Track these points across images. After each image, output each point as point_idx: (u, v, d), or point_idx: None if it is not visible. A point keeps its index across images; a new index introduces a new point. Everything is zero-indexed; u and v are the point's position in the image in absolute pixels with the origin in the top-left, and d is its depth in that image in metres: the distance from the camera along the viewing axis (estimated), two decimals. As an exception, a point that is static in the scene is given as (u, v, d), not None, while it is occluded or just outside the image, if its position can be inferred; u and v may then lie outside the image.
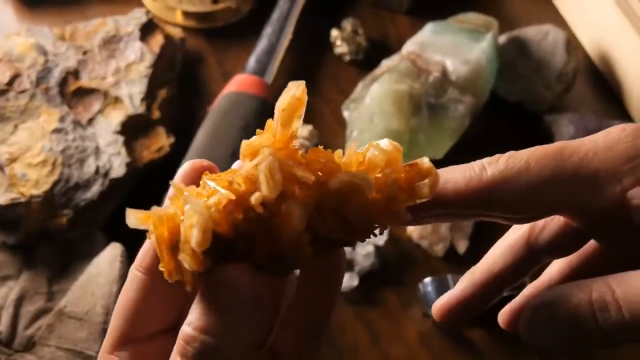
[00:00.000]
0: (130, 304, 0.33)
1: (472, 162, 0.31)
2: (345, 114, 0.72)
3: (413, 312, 0.65)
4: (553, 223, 0.36)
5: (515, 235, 0.37)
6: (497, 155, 0.31)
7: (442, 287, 0.63)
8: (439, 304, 0.39)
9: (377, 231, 0.31)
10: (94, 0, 0.82)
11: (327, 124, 0.75)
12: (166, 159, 0.69)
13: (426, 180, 0.30)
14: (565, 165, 0.30)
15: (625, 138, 0.30)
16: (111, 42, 0.72)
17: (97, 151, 0.66)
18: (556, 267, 0.38)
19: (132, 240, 0.64)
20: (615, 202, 0.30)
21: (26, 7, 0.81)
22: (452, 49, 0.72)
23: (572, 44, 0.76)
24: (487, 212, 0.31)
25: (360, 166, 0.30)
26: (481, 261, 0.38)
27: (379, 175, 0.30)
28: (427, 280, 0.64)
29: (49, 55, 0.70)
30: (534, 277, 0.39)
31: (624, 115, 0.77)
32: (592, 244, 0.36)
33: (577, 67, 0.76)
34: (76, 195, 0.63)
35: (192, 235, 0.27)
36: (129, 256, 0.63)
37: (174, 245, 0.29)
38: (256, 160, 0.29)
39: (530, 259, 0.37)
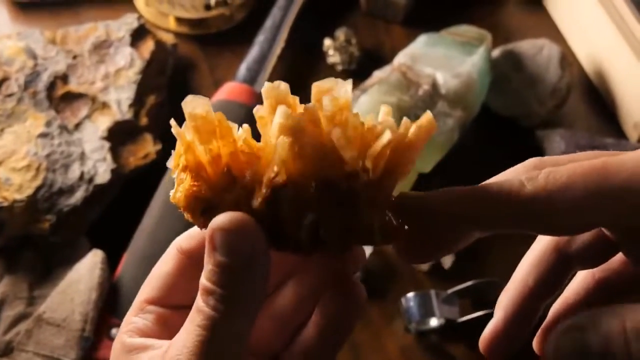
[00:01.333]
0: (162, 276, 0.36)
1: (507, 179, 0.30)
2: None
3: (395, 326, 0.65)
4: None
5: (543, 244, 0.36)
6: (534, 171, 0.30)
7: (424, 303, 0.63)
8: (485, 336, 0.37)
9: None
10: (89, 4, 0.82)
11: (316, 134, 0.74)
12: (152, 165, 0.69)
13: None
14: (614, 181, 0.29)
15: None
16: (101, 47, 0.72)
17: (82, 157, 0.65)
18: (580, 282, 0.37)
19: (116, 245, 0.64)
20: None
21: (20, 9, 0.81)
22: (443, 61, 0.71)
23: (567, 59, 0.76)
24: (525, 229, 0.31)
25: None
26: (511, 280, 0.37)
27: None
28: (410, 295, 0.63)
29: (39, 59, 0.70)
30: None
31: (618, 133, 0.76)
32: (619, 258, 0.35)
33: (571, 82, 0.75)
34: (59, 201, 0.63)
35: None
36: (111, 262, 0.63)
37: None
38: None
39: (563, 268, 0.35)
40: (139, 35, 0.73)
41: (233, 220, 0.30)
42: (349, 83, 0.31)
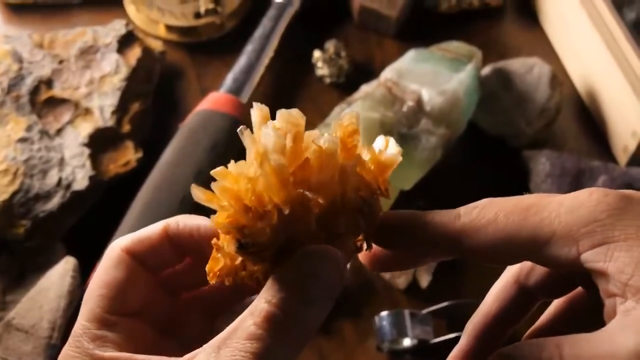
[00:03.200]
0: (113, 284, 0.34)
1: (455, 209, 0.33)
2: (316, 138, 0.71)
3: (369, 344, 0.64)
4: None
5: (506, 275, 0.38)
6: (475, 203, 0.33)
7: (397, 322, 0.62)
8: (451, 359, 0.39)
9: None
10: (81, 8, 0.82)
11: (301, 147, 0.74)
12: (133, 173, 0.69)
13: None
14: (528, 223, 0.32)
15: (588, 202, 0.31)
16: (88, 53, 0.72)
17: (61, 162, 0.65)
18: (550, 310, 0.39)
19: (93, 253, 0.64)
20: (571, 263, 0.31)
21: (13, 11, 0.81)
22: (430, 78, 0.71)
23: (557, 79, 0.75)
24: (459, 254, 0.34)
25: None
26: (478, 308, 0.39)
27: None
28: (384, 314, 0.62)
29: (24, 63, 0.70)
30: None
31: (608, 155, 0.75)
32: (579, 288, 0.37)
33: (561, 103, 0.74)
34: (36, 206, 0.63)
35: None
36: (85, 269, 0.63)
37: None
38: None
39: (524, 299, 0.38)
40: (126, 41, 0.73)
41: (323, 251, 0.31)
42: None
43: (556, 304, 0.38)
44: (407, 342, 0.63)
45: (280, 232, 0.31)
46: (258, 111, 0.32)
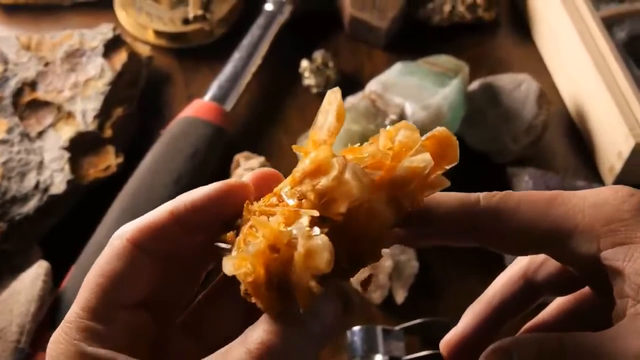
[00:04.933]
0: (112, 274, 0.32)
1: (474, 193, 0.34)
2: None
3: (341, 358, 0.64)
4: (552, 261, 0.37)
5: (514, 268, 0.38)
6: (494, 192, 0.33)
7: (369, 338, 0.62)
8: (445, 341, 0.39)
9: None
10: (71, 11, 0.82)
11: (284, 156, 0.73)
12: (113, 178, 0.69)
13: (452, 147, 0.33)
14: (551, 214, 0.32)
15: (613, 200, 0.32)
16: (74, 56, 0.72)
17: (40, 166, 0.65)
18: (551, 306, 0.39)
19: (69, 257, 0.64)
20: (590, 259, 0.31)
21: (4, 12, 0.82)
22: (414, 91, 0.70)
23: (545, 96, 0.74)
24: (474, 240, 0.34)
25: (391, 150, 0.32)
26: (483, 294, 0.39)
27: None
28: (356, 329, 0.62)
29: (10, 64, 0.71)
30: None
31: (594, 175, 0.74)
32: (586, 288, 0.37)
33: (547, 121, 0.73)
34: (12, 209, 0.63)
35: (323, 257, 0.28)
36: (61, 273, 0.63)
37: (271, 280, 0.29)
38: (335, 172, 0.30)
39: (529, 294, 0.38)
40: (113, 46, 0.73)
41: (332, 294, 0.30)
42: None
43: (559, 301, 0.39)
44: (378, 358, 0.62)
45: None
46: None
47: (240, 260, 0.29)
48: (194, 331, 0.36)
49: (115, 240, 0.33)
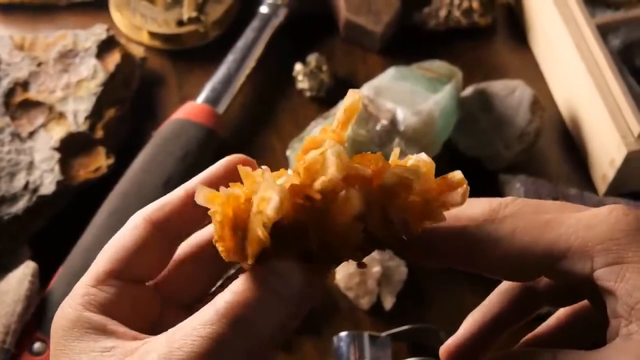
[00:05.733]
0: (126, 247, 0.34)
1: (488, 200, 0.34)
2: (288, 152, 0.71)
3: (328, 364, 0.64)
4: None
5: None
6: (493, 213, 0.33)
7: (356, 344, 0.61)
8: (444, 348, 0.40)
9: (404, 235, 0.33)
10: (67, 11, 0.82)
11: (275, 160, 0.73)
12: (103, 179, 0.69)
13: (459, 190, 0.33)
14: (545, 238, 0.32)
15: (607, 219, 0.32)
16: (67, 57, 0.72)
17: (30, 166, 0.65)
18: (551, 320, 0.39)
19: (58, 257, 0.64)
20: (585, 279, 0.31)
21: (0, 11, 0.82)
22: (406, 97, 0.70)
23: (539, 103, 0.74)
24: (469, 267, 0.34)
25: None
26: (482, 304, 0.39)
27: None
28: (342, 334, 0.62)
29: (2, 64, 0.71)
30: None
31: (587, 183, 0.74)
32: (585, 301, 0.37)
33: (540, 128, 0.73)
34: (1, 209, 0.63)
35: (271, 203, 0.29)
36: (49, 274, 0.63)
37: (237, 225, 0.31)
38: (322, 149, 0.31)
39: (529, 302, 0.38)
40: (106, 47, 0.73)
41: (300, 264, 0.31)
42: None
43: (558, 314, 0.39)
44: (364, 364, 0.62)
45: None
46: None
47: (214, 196, 0.31)
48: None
49: (134, 216, 0.35)
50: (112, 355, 0.30)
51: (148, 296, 0.35)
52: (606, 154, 0.71)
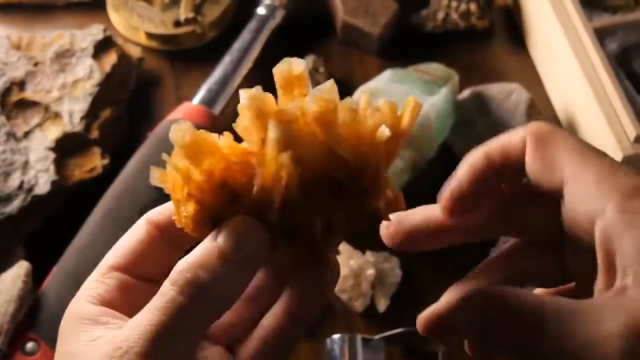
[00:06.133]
0: (130, 244, 0.36)
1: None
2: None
3: (321, 367, 0.64)
4: (537, 251, 0.38)
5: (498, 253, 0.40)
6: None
7: (348, 346, 0.61)
8: (422, 316, 0.39)
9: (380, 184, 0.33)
10: (65, 11, 0.82)
11: (271, 161, 0.73)
12: (99, 179, 0.69)
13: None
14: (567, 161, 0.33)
15: (635, 174, 0.32)
16: (64, 56, 0.72)
17: (25, 166, 0.65)
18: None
19: (52, 257, 0.64)
20: (589, 217, 0.32)
21: (-3, 11, 0.82)
22: (402, 99, 0.69)
23: (535, 107, 0.73)
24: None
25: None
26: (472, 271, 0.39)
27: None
28: (336, 337, 0.62)
29: (-1, 64, 0.71)
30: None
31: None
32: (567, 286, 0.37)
33: (536, 131, 0.73)
34: (-5, 209, 0.63)
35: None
36: (43, 274, 0.63)
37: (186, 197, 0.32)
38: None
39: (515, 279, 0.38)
40: (102, 47, 0.73)
41: (247, 220, 0.32)
42: (301, 62, 0.33)
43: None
44: (357, 366, 0.62)
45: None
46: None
47: (163, 174, 0.34)
48: None
49: (140, 218, 0.36)
50: (95, 344, 0.31)
51: (148, 293, 0.35)
52: (602, 158, 0.70)
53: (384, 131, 0.32)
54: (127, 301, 0.34)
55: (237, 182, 0.32)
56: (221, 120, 0.73)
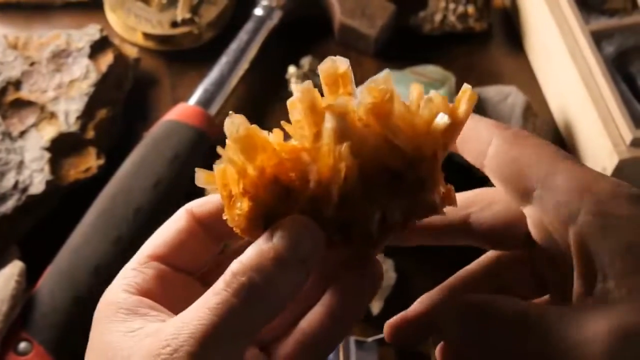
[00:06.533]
0: (169, 234, 0.35)
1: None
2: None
3: (314, 369, 0.63)
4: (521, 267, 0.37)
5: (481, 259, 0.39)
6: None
7: (342, 349, 0.61)
8: (388, 322, 0.39)
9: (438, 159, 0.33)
10: (62, 11, 0.82)
11: (267, 162, 0.73)
12: (95, 179, 0.69)
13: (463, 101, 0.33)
14: (542, 164, 0.32)
15: (611, 179, 0.31)
16: (60, 56, 0.72)
17: (20, 165, 0.66)
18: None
19: (46, 257, 0.64)
20: (564, 219, 0.31)
21: (-5, 10, 0.82)
22: (398, 102, 0.70)
23: (532, 110, 0.73)
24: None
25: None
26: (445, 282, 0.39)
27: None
28: (329, 339, 0.61)
29: (-5, 64, 0.71)
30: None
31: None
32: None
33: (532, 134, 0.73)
34: (-10, 208, 0.63)
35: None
36: (36, 274, 0.63)
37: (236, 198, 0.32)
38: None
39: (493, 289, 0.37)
40: (99, 47, 0.73)
41: (303, 220, 0.31)
42: (345, 61, 0.33)
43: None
44: (350, 369, 0.62)
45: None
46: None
47: (209, 176, 0.33)
48: None
49: (180, 209, 0.36)
50: (135, 336, 0.30)
51: (192, 287, 0.36)
52: (597, 161, 0.70)
53: (443, 118, 0.32)
54: (164, 292, 0.34)
55: (289, 178, 0.32)
56: (217, 120, 0.73)
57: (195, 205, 0.36)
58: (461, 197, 0.37)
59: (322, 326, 0.34)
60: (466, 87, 0.33)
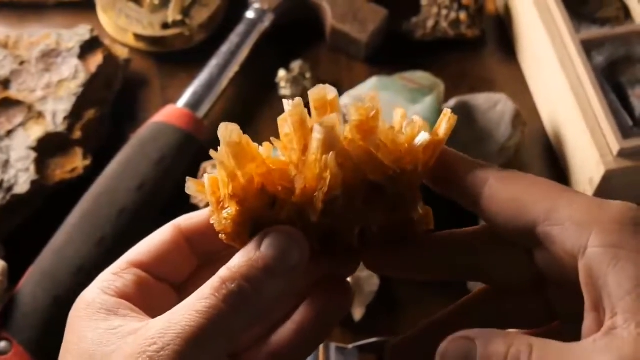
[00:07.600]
0: (153, 243, 0.37)
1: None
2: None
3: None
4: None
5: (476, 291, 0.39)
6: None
7: (323, 355, 0.61)
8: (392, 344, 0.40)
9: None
10: (55, 10, 0.82)
11: (254, 166, 0.73)
12: (81, 180, 0.69)
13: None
14: (548, 197, 0.33)
15: (616, 204, 0.31)
16: (50, 56, 0.72)
17: (6, 165, 0.66)
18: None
19: (30, 257, 0.64)
20: (574, 251, 0.31)
21: (-12, 8, 0.82)
22: (385, 107, 0.69)
23: (521, 118, 0.73)
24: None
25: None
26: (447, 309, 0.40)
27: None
28: (309, 344, 0.61)
29: (-16, 62, 0.71)
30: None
31: (567, 199, 0.73)
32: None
33: (520, 144, 0.72)
34: (-26, 207, 0.64)
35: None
36: (19, 273, 0.63)
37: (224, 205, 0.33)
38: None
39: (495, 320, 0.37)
40: (89, 47, 0.73)
41: (291, 230, 0.32)
42: (334, 90, 0.34)
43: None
44: (330, 375, 0.62)
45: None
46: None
47: (199, 184, 0.35)
48: None
49: (169, 223, 0.37)
50: (117, 333, 0.31)
51: (168, 295, 0.37)
52: (586, 172, 0.70)
53: (424, 136, 0.34)
54: (141, 297, 0.35)
55: (276, 188, 0.33)
56: (205, 123, 0.73)
57: (182, 220, 0.37)
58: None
59: (290, 343, 0.35)
60: (447, 110, 0.36)
